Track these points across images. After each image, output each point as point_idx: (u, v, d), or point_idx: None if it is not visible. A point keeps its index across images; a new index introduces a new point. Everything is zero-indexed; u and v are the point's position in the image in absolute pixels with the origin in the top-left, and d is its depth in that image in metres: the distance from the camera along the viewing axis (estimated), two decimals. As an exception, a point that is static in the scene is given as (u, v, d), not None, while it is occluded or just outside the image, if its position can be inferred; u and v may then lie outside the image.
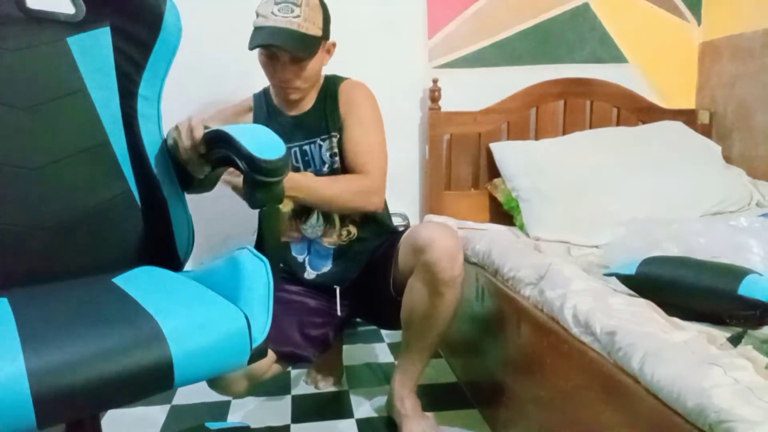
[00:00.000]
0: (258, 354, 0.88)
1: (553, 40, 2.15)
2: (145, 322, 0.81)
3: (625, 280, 1.15)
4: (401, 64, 2.08)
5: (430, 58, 2.11)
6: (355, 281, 1.51)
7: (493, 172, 2.04)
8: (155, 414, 1.62)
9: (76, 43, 1.11)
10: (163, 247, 1.17)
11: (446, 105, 2.06)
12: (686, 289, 1.06)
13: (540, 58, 2.15)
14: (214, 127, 1.10)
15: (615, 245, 1.26)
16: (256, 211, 1.24)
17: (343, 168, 1.47)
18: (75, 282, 1.05)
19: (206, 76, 1.89)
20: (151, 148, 1.15)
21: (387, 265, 1.42)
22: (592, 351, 0.97)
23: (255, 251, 0.97)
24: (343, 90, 1.49)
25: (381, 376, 1.82)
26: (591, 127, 2.10)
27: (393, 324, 1.45)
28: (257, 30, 1.37)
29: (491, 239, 1.59)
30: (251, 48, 1.37)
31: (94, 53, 1.12)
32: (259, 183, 0.96)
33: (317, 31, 1.39)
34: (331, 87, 1.50)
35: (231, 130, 1.02)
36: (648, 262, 1.12)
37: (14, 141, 1.05)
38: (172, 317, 0.83)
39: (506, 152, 1.99)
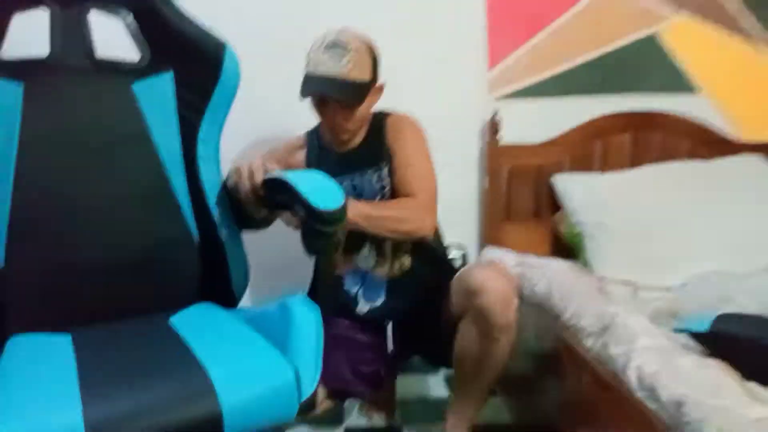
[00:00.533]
0: (307, 407, 0.88)
1: (617, 71, 2.04)
2: (196, 375, 0.82)
3: (698, 337, 1.05)
4: (461, 95, 2.03)
5: (490, 90, 2.05)
6: (407, 316, 1.46)
7: (556, 205, 1.94)
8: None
9: (140, 89, 1.15)
10: (220, 285, 1.18)
11: (507, 137, 1.99)
12: (765, 351, 0.95)
13: (604, 89, 2.05)
14: (274, 171, 1.10)
15: (686, 296, 1.16)
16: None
17: (393, 196, 1.45)
18: (134, 322, 1.07)
19: (261, 113, 1.90)
20: (210, 188, 1.17)
21: (439, 305, 1.37)
22: (657, 420, 0.88)
23: (307, 299, 0.95)
24: (389, 123, 1.49)
25: (435, 411, 1.75)
26: (660, 161, 1.97)
27: (446, 362, 1.40)
28: (308, 78, 1.37)
29: (552, 279, 1.51)
30: (302, 97, 1.37)
31: (157, 98, 1.16)
32: (318, 232, 0.95)
33: (366, 77, 1.38)
34: (378, 122, 1.50)
35: (291, 177, 1.02)
36: (723, 319, 1.02)
37: (82, 184, 1.09)
38: (222, 368, 0.83)
39: (570, 185, 1.90)
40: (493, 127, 1.98)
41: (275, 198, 1.08)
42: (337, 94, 1.33)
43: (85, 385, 0.79)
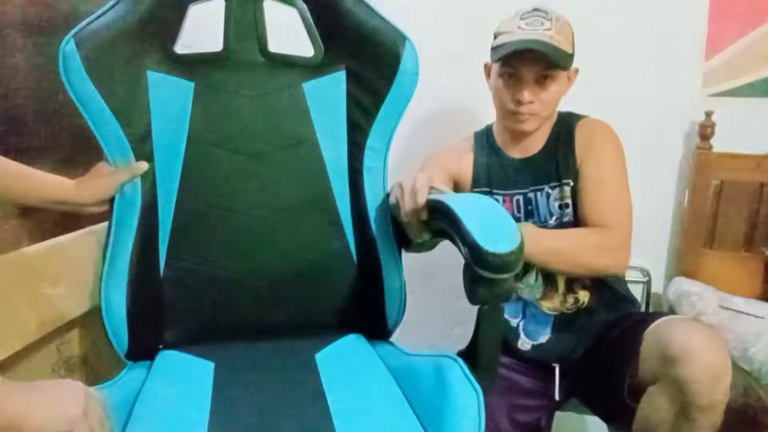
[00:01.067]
0: None
1: None
2: None
3: None
4: (665, 89, 1.71)
5: (704, 84, 1.70)
6: (579, 361, 1.27)
7: (776, 234, 1.59)
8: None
9: (310, 88, 1.06)
10: (373, 312, 1.08)
11: (720, 144, 1.65)
12: None
13: None
14: (440, 192, 0.96)
15: None
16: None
17: (576, 222, 1.24)
18: (281, 348, 1.01)
19: (429, 115, 1.74)
20: (373, 203, 1.06)
21: (623, 361, 1.14)
22: None
23: (467, 371, 0.80)
24: (580, 130, 1.27)
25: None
26: None
27: (619, 424, 1.19)
28: (500, 46, 1.19)
29: (773, 344, 1.21)
30: (496, 59, 1.20)
31: (327, 100, 1.06)
32: (481, 278, 0.78)
33: (569, 48, 1.20)
34: (565, 126, 1.28)
35: (456, 204, 0.86)
36: None
37: (243, 189, 1.04)
38: None
39: (799, 212, 1.54)
40: (705, 130, 1.66)
41: (438, 225, 0.93)
42: (543, 50, 1.14)
43: (213, 423, 0.75)
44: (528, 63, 1.17)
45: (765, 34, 1.65)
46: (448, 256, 1.18)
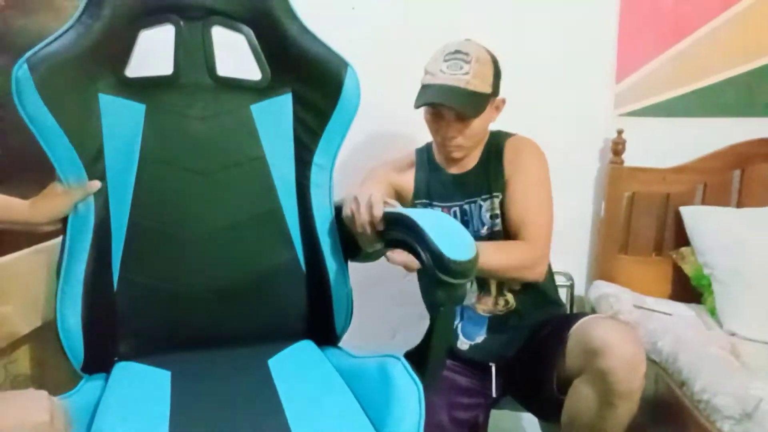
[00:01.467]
0: None
1: (766, 90, 1.83)
2: None
3: None
4: (582, 109, 1.88)
5: (616, 105, 1.89)
6: (512, 360, 1.38)
7: (682, 239, 1.78)
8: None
9: (258, 110, 1.13)
10: (322, 319, 1.15)
11: (631, 159, 1.84)
12: None
13: (750, 111, 1.84)
14: (394, 206, 1.05)
15: None
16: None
17: (504, 230, 1.37)
18: (234, 356, 1.06)
19: (371, 128, 1.85)
20: (320, 217, 1.14)
21: (550, 357, 1.27)
22: None
23: (409, 368, 0.89)
24: (509, 147, 1.39)
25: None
26: (813, 197, 1.75)
27: (549, 418, 1.31)
28: (424, 88, 1.32)
29: (678, 337, 1.37)
30: (417, 106, 1.31)
31: (274, 120, 1.13)
32: (443, 282, 0.88)
33: (486, 88, 1.31)
34: (495, 144, 1.41)
35: (418, 217, 0.96)
36: None
37: (193, 207, 1.09)
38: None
39: (701, 219, 1.73)
40: (617, 146, 1.84)
41: (394, 235, 1.02)
42: (453, 103, 1.27)
43: (174, 426, 0.80)
44: (444, 107, 1.29)
45: (670, 59, 1.85)
46: (387, 266, 1.28)
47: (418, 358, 0.94)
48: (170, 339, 1.08)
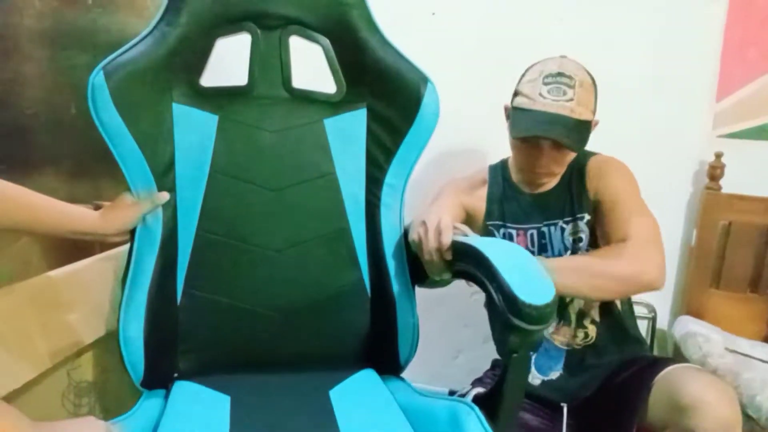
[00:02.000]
0: None
1: None
2: None
3: None
4: (676, 129, 1.76)
5: (714, 125, 1.75)
6: (587, 403, 1.29)
7: (782, 277, 1.63)
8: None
9: (332, 124, 1.09)
10: (386, 347, 1.11)
11: (729, 185, 1.69)
12: None
13: None
14: (462, 233, 0.99)
15: None
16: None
17: None
18: (296, 383, 1.03)
19: (446, 144, 1.78)
20: (389, 238, 1.10)
21: (631, 402, 1.16)
22: None
23: (484, 421, 0.82)
24: (592, 165, 1.30)
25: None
26: None
27: None
28: (521, 112, 1.22)
29: (781, 391, 1.24)
30: (517, 137, 1.22)
31: (347, 136, 1.09)
32: (517, 329, 0.81)
33: (589, 116, 1.22)
34: (578, 163, 1.31)
35: (489, 251, 0.89)
36: None
37: (261, 222, 1.07)
38: None
39: (808, 256, 1.57)
40: (714, 171, 1.70)
41: (463, 267, 0.96)
42: (561, 136, 1.17)
43: None
44: (546, 140, 1.19)
45: (777, 77, 1.70)
46: (452, 285, 1.21)
47: (488, 404, 0.87)
48: (231, 357, 1.07)
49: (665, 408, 1.09)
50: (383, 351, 1.10)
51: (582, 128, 1.20)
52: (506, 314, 0.80)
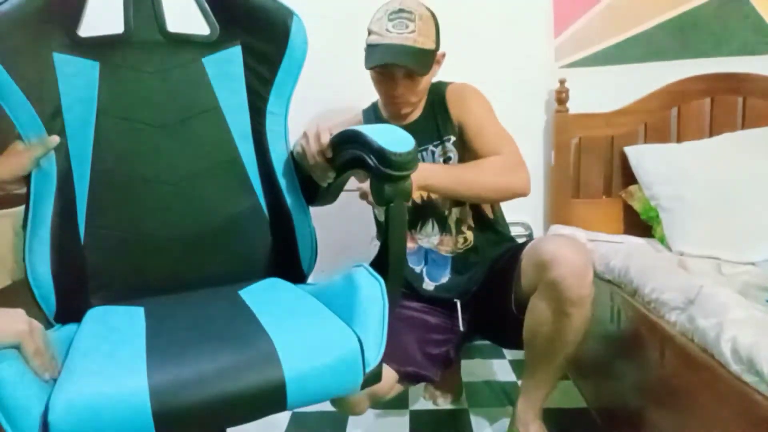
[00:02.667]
0: (372, 378, 0.88)
1: (697, 32, 1.98)
2: (262, 342, 0.84)
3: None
4: (524, 65, 2.02)
5: (556, 58, 2.02)
6: (475, 295, 1.48)
7: (629, 178, 1.91)
8: (277, 420, 1.69)
9: (210, 62, 1.19)
10: (288, 260, 1.22)
11: (575, 107, 1.97)
12: None
13: (682, 53, 1.99)
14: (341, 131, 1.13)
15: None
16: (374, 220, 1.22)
17: None
18: (205, 292, 1.13)
19: (322, 89, 1.92)
20: (278, 162, 1.21)
21: (507, 280, 1.37)
22: (757, 393, 0.87)
23: (371, 269, 0.98)
24: (450, 93, 1.49)
25: (502, 395, 1.78)
26: (744, 127, 1.91)
27: (515, 343, 1.40)
28: (372, 48, 1.39)
29: (628, 254, 1.49)
30: (369, 67, 1.39)
31: (226, 72, 1.19)
32: (389, 177, 0.95)
33: (431, 45, 1.40)
34: (437, 93, 1.50)
35: (360, 128, 1.04)
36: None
37: (153, 158, 1.15)
38: (287, 337, 0.85)
39: (644, 156, 1.86)
40: (560, 95, 1.96)
41: (343, 157, 1.10)
42: (406, 62, 1.35)
43: (152, 352, 0.83)
44: (398, 67, 1.36)
45: (603, 9, 1.99)
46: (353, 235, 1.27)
47: (378, 261, 1.02)
48: (140, 288, 1.13)
49: (532, 271, 1.29)
50: (286, 262, 1.21)
51: (425, 55, 1.38)
52: (378, 167, 0.95)
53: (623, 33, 2.01)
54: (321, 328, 0.89)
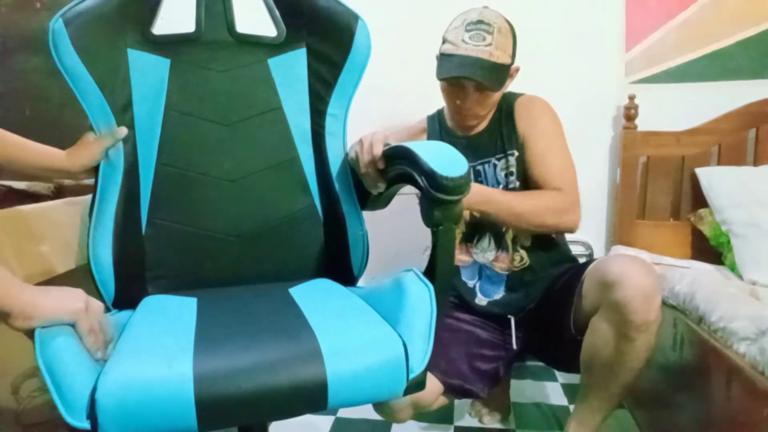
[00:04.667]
0: (416, 385, 0.87)
1: (781, 50, 1.89)
2: (307, 340, 0.84)
3: None
4: (593, 79, 1.98)
5: (626, 73, 1.97)
6: (531, 312, 1.44)
7: (699, 201, 1.83)
8: (320, 423, 1.70)
9: (275, 63, 1.22)
10: (339, 262, 1.23)
11: (644, 124, 1.91)
12: None
13: (761, 73, 1.90)
14: (393, 143, 1.13)
15: None
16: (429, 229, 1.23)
17: (523, 188, 1.43)
18: (256, 287, 1.15)
19: (385, 95, 1.95)
20: (335, 164, 1.22)
21: (568, 300, 1.33)
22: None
23: (420, 274, 0.97)
24: (519, 106, 1.46)
25: (552, 419, 1.73)
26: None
27: (569, 366, 1.36)
28: (446, 57, 1.38)
29: (695, 280, 1.42)
30: (441, 78, 1.38)
31: (290, 73, 1.22)
32: (438, 201, 0.94)
33: (507, 59, 1.38)
34: (506, 104, 1.47)
35: (412, 145, 1.03)
36: None
37: (216, 155, 1.18)
38: (332, 336, 0.85)
39: (717, 179, 1.78)
40: (629, 112, 1.91)
41: (394, 171, 1.10)
42: (480, 77, 1.33)
43: (200, 341, 0.85)
44: (470, 80, 1.34)
45: (678, 25, 1.93)
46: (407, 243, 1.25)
47: (426, 275, 1.00)
48: (195, 280, 1.17)
49: (595, 291, 1.25)
50: (337, 264, 1.23)
51: (500, 70, 1.36)
52: (429, 190, 0.94)
53: (698, 50, 1.94)
54: (366, 330, 0.89)
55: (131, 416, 0.74)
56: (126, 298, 1.09)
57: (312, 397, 0.81)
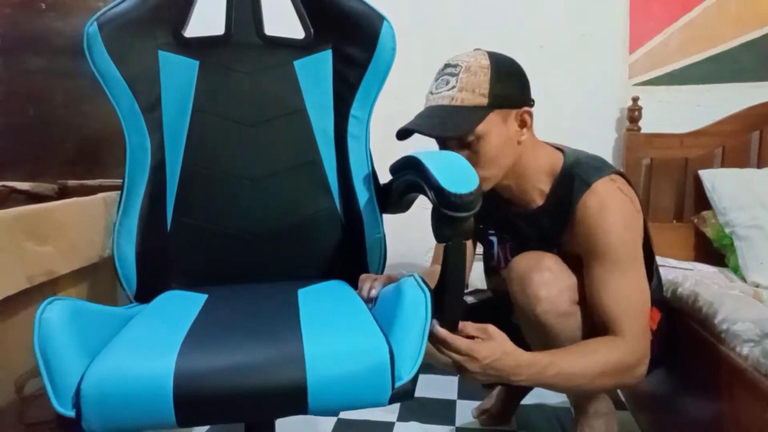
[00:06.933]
0: (402, 394, 0.89)
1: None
2: (292, 343, 0.89)
3: None
4: (596, 81, 2.12)
5: (630, 75, 2.12)
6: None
7: (702, 203, 1.98)
8: (323, 423, 1.80)
9: (301, 65, 1.33)
10: (356, 264, 1.34)
11: (648, 126, 2.05)
12: None
13: (766, 75, 2.06)
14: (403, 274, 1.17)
15: None
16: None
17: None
18: (268, 286, 1.27)
19: (404, 101, 2.01)
20: (357, 167, 1.33)
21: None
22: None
23: (420, 280, 1.01)
24: (583, 208, 1.25)
25: (554, 420, 1.83)
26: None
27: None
28: (417, 116, 1.30)
29: (698, 282, 1.56)
30: (398, 138, 1.30)
31: (315, 75, 1.33)
32: (447, 217, 0.98)
33: (479, 100, 1.22)
34: (565, 189, 1.28)
35: (422, 156, 1.09)
36: None
37: (238, 154, 1.30)
38: (318, 341, 0.90)
39: (720, 181, 1.93)
40: (632, 113, 2.05)
41: (406, 181, 1.17)
42: (429, 128, 1.23)
43: (188, 338, 0.91)
44: (426, 134, 1.23)
45: (681, 27, 2.08)
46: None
47: (437, 290, 1.06)
48: (214, 277, 1.28)
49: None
50: (354, 266, 1.33)
51: (462, 113, 1.22)
52: (438, 206, 0.98)
53: (702, 52, 2.08)
54: (354, 336, 0.93)
55: (113, 408, 0.81)
56: (148, 292, 1.21)
57: (291, 401, 0.85)
